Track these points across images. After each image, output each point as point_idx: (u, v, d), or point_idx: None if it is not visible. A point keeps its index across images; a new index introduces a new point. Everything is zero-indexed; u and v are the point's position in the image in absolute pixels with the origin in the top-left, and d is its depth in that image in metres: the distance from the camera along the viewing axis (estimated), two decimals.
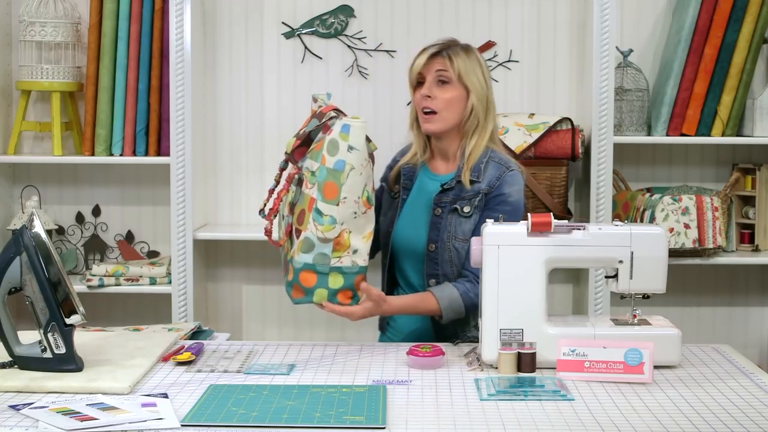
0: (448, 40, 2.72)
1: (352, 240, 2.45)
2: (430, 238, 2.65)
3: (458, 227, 2.64)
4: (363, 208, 2.45)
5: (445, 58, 2.65)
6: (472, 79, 2.67)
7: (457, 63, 2.65)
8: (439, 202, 2.66)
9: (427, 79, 2.66)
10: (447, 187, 2.66)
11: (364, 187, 2.44)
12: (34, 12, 3.47)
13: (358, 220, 2.45)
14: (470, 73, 2.67)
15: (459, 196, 2.65)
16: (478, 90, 2.68)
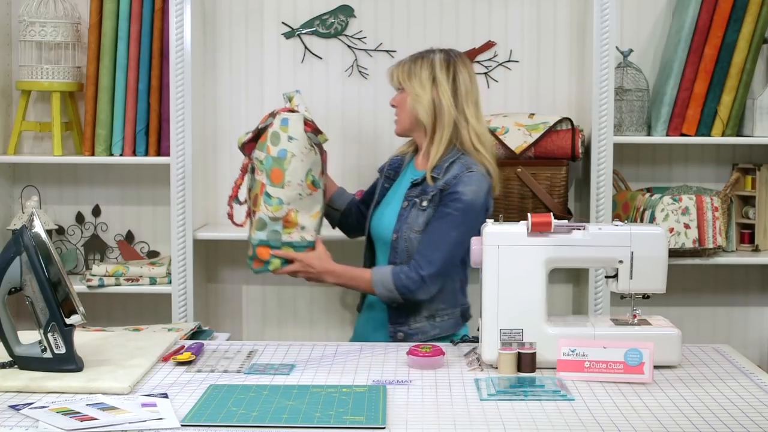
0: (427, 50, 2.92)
1: (300, 218, 2.84)
2: (394, 228, 2.83)
3: (415, 220, 2.79)
4: (308, 190, 2.83)
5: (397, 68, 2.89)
6: (413, 86, 2.84)
7: (397, 72, 2.88)
8: (408, 196, 2.84)
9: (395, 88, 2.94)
10: (416, 182, 2.84)
11: (308, 172, 2.82)
12: (34, 12, 3.47)
13: (303, 201, 2.83)
14: (406, 80, 2.86)
15: (423, 192, 2.81)
16: (419, 96, 2.83)
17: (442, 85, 2.82)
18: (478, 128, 2.84)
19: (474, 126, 2.83)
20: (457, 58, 2.87)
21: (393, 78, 2.90)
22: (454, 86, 2.83)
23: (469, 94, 2.84)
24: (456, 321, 2.85)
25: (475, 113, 2.85)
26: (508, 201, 3.39)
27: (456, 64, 2.85)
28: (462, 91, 2.83)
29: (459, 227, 2.71)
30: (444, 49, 2.90)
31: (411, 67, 2.86)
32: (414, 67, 2.85)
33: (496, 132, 3.42)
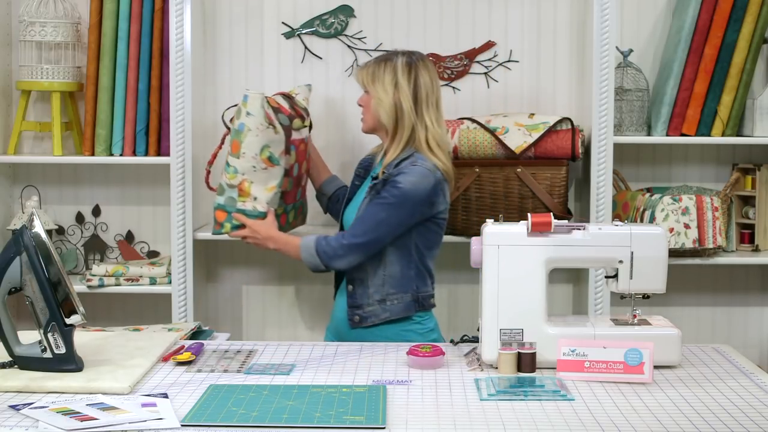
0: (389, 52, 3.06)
1: (253, 189, 3.08)
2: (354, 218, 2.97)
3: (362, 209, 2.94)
4: (263, 164, 3.06)
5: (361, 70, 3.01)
6: (376, 90, 2.95)
7: (362, 75, 2.99)
8: (368, 192, 2.95)
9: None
10: (375, 178, 2.96)
11: (263, 147, 3.05)
12: (34, 12, 3.47)
13: (258, 174, 3.07)
14: (369, 83, 2.96)
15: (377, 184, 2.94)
16: (381, 100, 2.93)
17: (404, 90, 2.92)
18: (435, 132, 2.94)
19: (432, 130, 2.93)
20: (419, 61, 2.97)
21: (358, 80, 3.02)
22: (415, 91, 2.93)
23: (430, 98, 2.95)
24: (406, 306, 2.92)
25: (435, 117, 2.96)
26: (508, 201, 3.40)
27: (418, 68, 2.95)
28: (422, 95, 2.94)
29: (389, 210, 2.83)
30: (407, 52, 3.00)
31: (375, 70, 2.96)
32: (378, 71, 2.95)
33: (496, 132, 3.42)
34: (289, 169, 3.18)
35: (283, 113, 3.14)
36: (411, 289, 2.93)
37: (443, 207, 2.93)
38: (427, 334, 2.95)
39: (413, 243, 2.90)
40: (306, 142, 3.27)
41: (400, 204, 2.82)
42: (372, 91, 2.96)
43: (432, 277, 2.99)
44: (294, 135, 3.16)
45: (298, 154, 3.21)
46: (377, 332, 2.89)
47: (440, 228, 2.96)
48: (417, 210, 2.84)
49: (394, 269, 2.90)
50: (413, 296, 2.93)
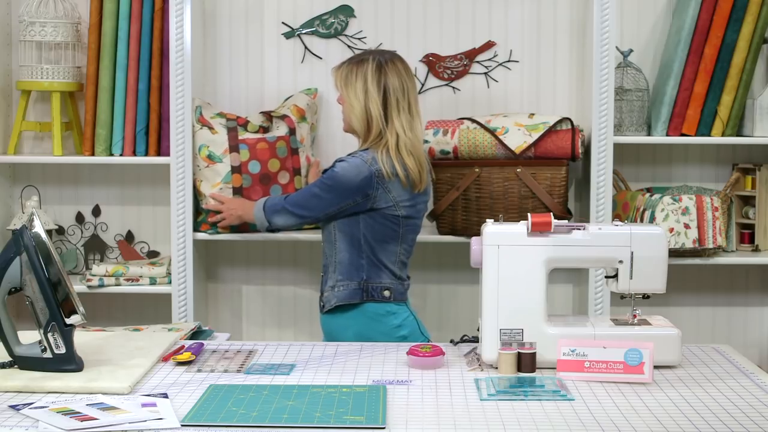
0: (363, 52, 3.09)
1: (203, 187, 3.44)
2: None
3: None
4: (204, 162, 3.42)
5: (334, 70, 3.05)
6: (348, 95, 2.99)
7: (336, 77, 3.03)
8: None
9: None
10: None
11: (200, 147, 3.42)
12: (34, 12, 3.47)
13: (202, 172, 3.43)
14: (348, 88, 2.99)
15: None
16: (353, 106, 2.97)
17: (373, 97, 2.94)
18: (407, 140, 2.94)
19: (403, 138, 2.94)
20: (389, 64, 2.97)
21: (334, 80, 3.05)
22: (385, 97, 2.94)
23: (401, 102, 2.96)
24: (351, 293, 2.97)
25: (407, 122, 2.96)
26: (508, 201, 3.40)
27: (387, 73, 2.95)
28: (392, 101, 2.94)
29: (321, 188, 2.96)
30: (378, 53, 3.01)
31: (348, 74, 2.99)
32: (350, 75, 2.98)
33: (496, 132, 3.42)
34: (240, 166, 3.40)
35: (228, 117, 3.46)
36: (358, 277, 2.97)
37: (388, 204, 2.93)
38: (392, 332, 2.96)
39: (361, 233, 2.95)
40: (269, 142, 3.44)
41: (330, 186, 2.93)
42: (344, 96, 3.01)
43: (390, 271, 2.99)
44: (244, 135, 3.42)
45: (257, 152, 3.41)
46: (334, 319, 3.00)
47: (394, 224, 2.95)
48: (348, 196, 2.92)
49: (343, 256, 2.98)
50: (360, 284, 2.97)
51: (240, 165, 3.41)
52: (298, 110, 3.50)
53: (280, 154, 3.44)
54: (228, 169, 3.41)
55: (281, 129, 3.46)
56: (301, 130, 3.48)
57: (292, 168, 3.45)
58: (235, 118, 3.47)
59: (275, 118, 3.47)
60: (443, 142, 3.43)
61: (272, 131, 3.46)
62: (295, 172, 3.46)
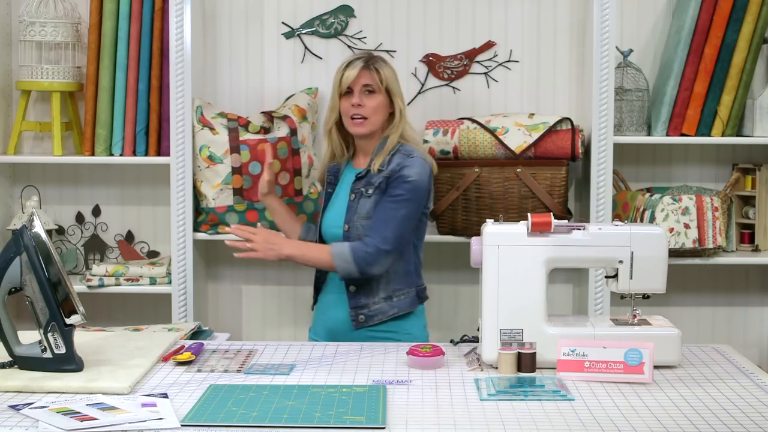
0: (368, 54, 3.04)
1: (203, 187, 3.45)
2: (345, 220, 2.95)
3: (362, 207, 2.92)
4: (205, 163, 3.41)
5: (372, 72, 2.96)
6: (395, 88, 2.99)
7: (383, 74, 2.97)
8: (354, 189, 2.96)
9: (356, 90, 2.96)
10: (360, 175, 2.96)
11: (201, 147, 3.42)
12: (34, 12, 3.47)
13: (203, 172, 3.43)
14: (393, 82, 2.99)
15: (369, 182, 2.93)
16: (401, 95, 3.01)
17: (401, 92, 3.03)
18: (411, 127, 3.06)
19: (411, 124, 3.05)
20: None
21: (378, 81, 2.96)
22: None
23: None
24: (412, 300, 2.96)
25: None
26: (508, 201, 3.40)
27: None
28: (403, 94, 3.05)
29: (408, 205, 2.87)
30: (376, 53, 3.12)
31: (391, 72, 3.00)
32: (392, 73, 3.00)
33: (496, 132, 3.42)
34: (240, 167, 3.40)
35: (229, 117, 3.45)
36: (414, 283, 2.98)
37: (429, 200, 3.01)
38: (423, 330, 3.01)
39: (411, 238, 2.95)
40: (270, 143, 3.39)
41: (413, 198, 2.87)
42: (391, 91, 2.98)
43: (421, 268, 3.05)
44: (245, 136, 3.41)
45: (258, 153, 3.39)
46: (383, 329, 2.91)
47: (427, 218, 3.02)
48: (424, 200, 2.92)
49: (398, 265, 2.91)
50: (416, 290, 2.98)
51: (240, 166, 3.41)
52: (300, 110, 3.50)
53: (281, 155, 3.44)
54: (228, 170, 3.41)
55: (282, 130, 3.46)
56: (302, 130, 3.48)
57: (293, 168, 3.45)
58: (236, 118, 3.46)
59: (276, 118, 3.47)
60: (443, 142, 3.43)
61: (273, 132, 3.46)
62: (296, 173, 3.46)
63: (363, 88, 2.95)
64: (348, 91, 2.97)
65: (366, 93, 2.96)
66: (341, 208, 2.98)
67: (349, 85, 2.96)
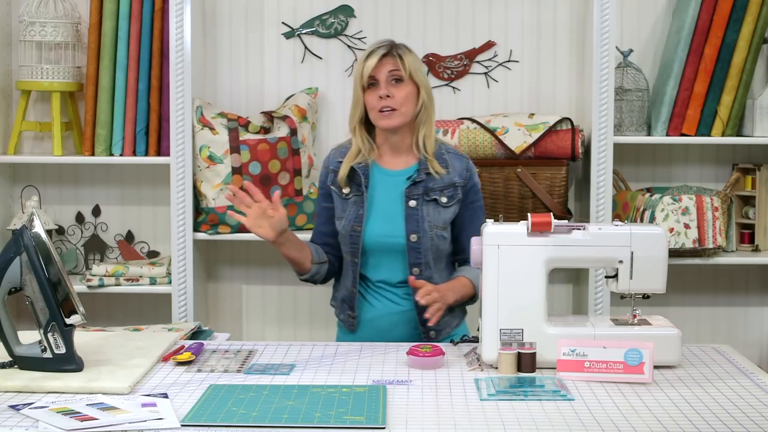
0: (389, 41, 2.79)
1: (203, 187, 3.46)
2: (409, 229, 2.72)
3: (437, 217, 2.74)
4: (205, 163, 3.43)
5: (396, 58, 2.73)
6: (420, 77, 2.76)
7: (408, 62, 2.74)
8: (411, 194, 2.74)
9: (381, 80, 2.73)
10: (417, 179, 2.74)
11: (201, 147, 3.43)
12: (34, 12, 3.47)
13: (203, 172, 3.44)
14: (418, 70, 2.76)
15: (429, 187, 2.75)
16: (426, 86, 2.77)
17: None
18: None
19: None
20: None
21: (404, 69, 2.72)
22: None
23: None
24: (464, 308, 2.87)
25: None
26: (508, 201, 3.40)
27: None
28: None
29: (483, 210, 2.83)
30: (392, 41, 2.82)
31: (416, 60, 2.77)
32: (417, 60, 2.78)
33: (496, 132, 3.42)
34: (240, 167, 3.40)
35: (229, 117, 3.45)
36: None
37: None
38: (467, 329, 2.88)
39: None
40: (270, 143, 3.43)
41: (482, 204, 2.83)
42: (417, 79, 2.74)
43: None
44: (245, 136, 3.42)
45: (258, 153, 3.40)
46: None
47: None
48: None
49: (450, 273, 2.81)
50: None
51: (240, 166, 3.42)
52: (300, 110, 3.50)
53: (281, 155, 3.44)
54: (228, 170, 3.42)
55: (282, 130, 3.46)
56: (302, 130, 3.48)
57: (293, 168, 3.46)
58: (236, 118, 3.47)
59: (276, 118, 3.47)
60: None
61: (273, 132, 3.46)
62: (296, 173, 3.46)
63: (389, 75, 2.72)
64: (372, 83, 2.73)
65: (393, 82, 2.72)
66: (393, 215, 2.74)
67: (373, 75, 2.72)
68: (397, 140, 2.78)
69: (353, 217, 2.76)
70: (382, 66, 2.72)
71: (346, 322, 2.83)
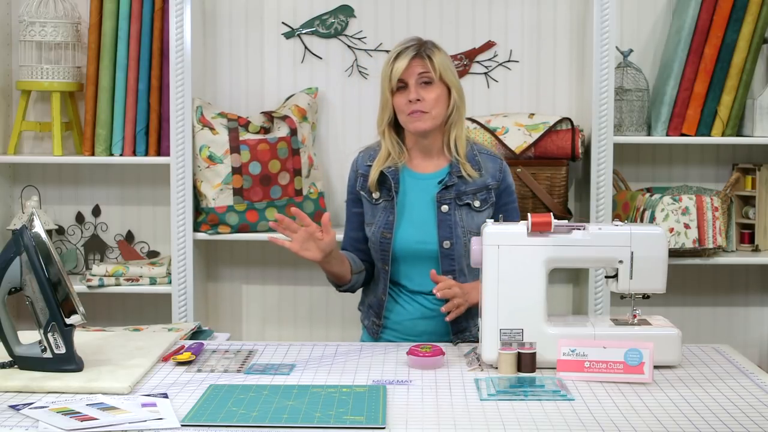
0: (417, 39, 2.69)
1: (203, 187, 3.45)
2: (442, 235, 2.65)
3: (471, 222, 2.67)
4: (205, 163, 3.43)
5: (425, 59, 2.63)
6: (450, 77, 2.66)
7: (437, 62, 2.63)
8: (443, 199, 2.66)
9: (410, 83, 2.63)
10: (449, 183, 2.67)
11: (201, 147, 3.43)
12: (34, 12, 3.47)
13: (203, 172, 3.44)
14: (448, 70, 2.66)
15: (462, 190, 2.67)
16: (457, 85, 2.68)
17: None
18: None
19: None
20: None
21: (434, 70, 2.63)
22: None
23: None
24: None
25: None
26: None
27: None
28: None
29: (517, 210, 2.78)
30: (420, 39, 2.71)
31: (445, 58, 2.67)
32: (446, 59, 2.67)
33: (496, 132, 3.42)
34: (240, 167, 3.40)
35: (229, 117, 3.46)
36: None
37: None
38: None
39: None
40: (270, 143, 3.43)
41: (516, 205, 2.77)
42: (448, 80, 2.65)
43: None
44: (245, 136, 3.43)
45: (258, 153, 3.41)
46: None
47: None
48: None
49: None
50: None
51: (240, 166, 3.42)
52: (300, 110, 3.50)
53: (281, 155, 3.44)
54: (228, 170, 3.42)
55: (282, 130, 3.46)
56: (302, 130, 3.48)
57: (293, 168, 3.46)
58: (236, 118, 3.47)
59: (276, 118, 3.48)
60: None
61: (273, 132, 3.47)
62: (296, 173, 3.46)
63: (418, 78, 2.62)
64: (401, 86, 2.64)
65: (422, 85, 2.63)
66: (425, 221, 2.67)
67: (402, 78, 2.62)
68: (427, 143, 2.70)
69: (383, 224, 2.69)
70: (411, 68, 2.63)
71: (371, 329, 2.78)
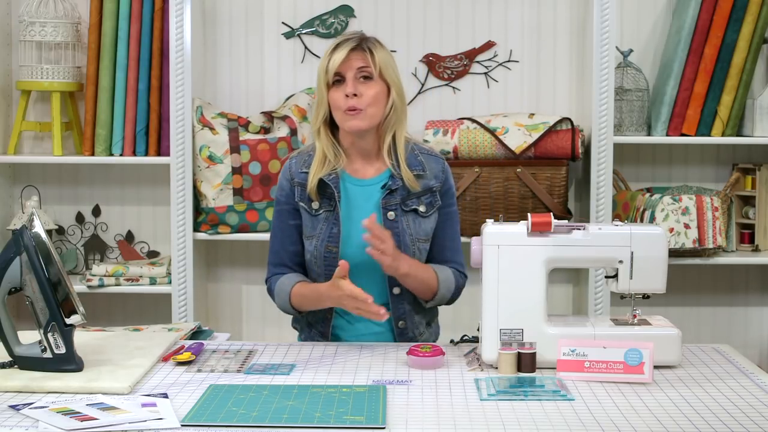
0: (360, 33, 2.54)
1: (203, 187, 3.46)
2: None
3: (418, 228, 2.55)
4: (205, 163, 3.43)
5: (366, 52, 2.47)
6: (391, 74, 2.50)
7: (378, 57, 2.47)
8: (388, 205, 2.52)
9: (348, 77, 2.46)
10: (393, 187, 2.53)
11: (201, 147, 3.43)
12: (34, 12, 3.47)
13: (203, 172, 3.45)
14: (389, 67, 2.50)
15: (407, 195, 2.54)
16: (398, 85, 2.52)
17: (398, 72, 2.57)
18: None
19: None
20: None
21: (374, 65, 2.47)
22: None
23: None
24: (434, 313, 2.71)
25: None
26: (508, 201, 3.40)
27: None
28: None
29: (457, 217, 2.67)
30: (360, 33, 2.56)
31: (388, 56, 2.51)
32: (389, 57, 2.51)
33: (496, 132, 3.42)
34: (240, 167, 3.42)
35: (229, 117, 3.47)
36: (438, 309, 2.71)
37: None
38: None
39: None
40: (270, 143, 3.44)
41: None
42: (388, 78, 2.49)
43: None
44: (245, 136, 3.44)
45: (258, 153, 3.42)
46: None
47: None
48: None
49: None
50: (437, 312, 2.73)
51: (240, 166, 3.43)
52: (300, 110, 3.50)
53: (281, 155, 3.44)
54: (228, 170, 3.43)
55: (282, 130, 3.46)
56: (302, 130, 3.49)
57: None
58: (236, 118, 3.48)
59: (276, 118, 3.48)
60: (443, 142, 3.43)
61: (273, 132, 3.47)
62: None
63: (357, 72, 2.46)
64: (338, 80, 2.47)
65: (361, 80, 2.47)
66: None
67: (339, 71, 2.46)
68: (364, 144, 2.53)
69: (326, 236, 2.52)
70: (349, 61, 2.45)
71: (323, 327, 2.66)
